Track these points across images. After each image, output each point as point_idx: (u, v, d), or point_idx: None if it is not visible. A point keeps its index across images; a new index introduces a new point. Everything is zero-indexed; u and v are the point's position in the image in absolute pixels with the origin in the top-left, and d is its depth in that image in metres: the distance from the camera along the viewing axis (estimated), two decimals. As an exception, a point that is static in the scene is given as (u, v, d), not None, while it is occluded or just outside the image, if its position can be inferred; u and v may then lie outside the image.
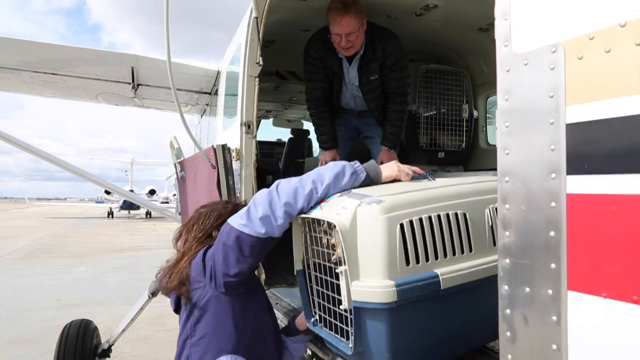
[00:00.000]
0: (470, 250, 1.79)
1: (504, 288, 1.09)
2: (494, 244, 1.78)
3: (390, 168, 2.07)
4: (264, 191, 1.94)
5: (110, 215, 43.69)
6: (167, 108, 6.95)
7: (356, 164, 2.00)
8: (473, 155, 4.82)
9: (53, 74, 5.14)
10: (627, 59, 0.87)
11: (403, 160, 4.27)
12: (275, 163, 7.53)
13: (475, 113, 4.81)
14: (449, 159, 4.66)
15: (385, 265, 1.59)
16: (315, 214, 1.82)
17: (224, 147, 3.52)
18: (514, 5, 1.07)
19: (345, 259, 1.62)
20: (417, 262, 1.65)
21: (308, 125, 8.39)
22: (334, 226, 1.65)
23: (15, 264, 14.00)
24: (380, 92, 3.74)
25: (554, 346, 0.98)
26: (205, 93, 5.87)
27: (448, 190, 1.87)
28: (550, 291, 0.99)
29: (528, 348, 1.03)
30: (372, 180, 2.00)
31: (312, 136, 8.01)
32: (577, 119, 0.94)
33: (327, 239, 1.77)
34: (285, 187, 1.90)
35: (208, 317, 1.96)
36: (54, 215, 46.90)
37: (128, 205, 43.31)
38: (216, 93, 5.34)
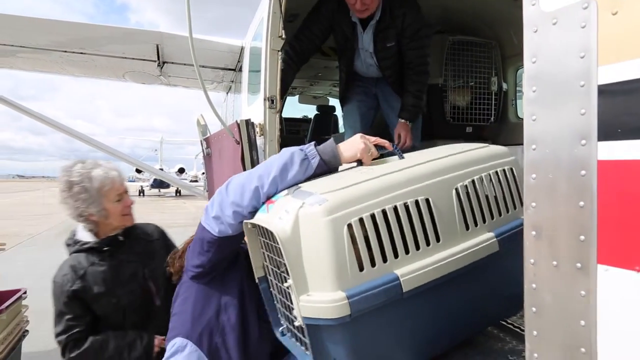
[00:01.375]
0: (438, 241, 1.52)
1: (529, 261, 1.04)
2: (467, 228, 1.58)
3: (352, 147, 1.74)
4: (222, 187, 1.78)
5: (142, 194, 44.67)
6: (193, 85, 6.98)
7: (309, 147, 1.72)
8: (502, 129, 4.68)
9: (81, 52, 5.22)
10: (667, 12, 0.80)
11: (428, 135, 4.22)
12: (301, 140, 7.51)
13: (504, 86, 4.66)
14: (476, 133, 4.55)
15: (334, 275, 1.36)
16: (257, 218, 1.60)
17: (248, 122, 3.51)
18: (542, -41, 1.00)
19: (289, 272, 1.41)
20: (373, 265, 1.40)
21: (334, 102, 8.32)
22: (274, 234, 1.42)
23: (54, 240, 14.46)
24: (396, 59, 3.59)
25: (582, 322, 0.93)
26: (230, 70, 5.85)
27: (405, 173, 1.56)
28: (579, 264, 0.93)
29: (554, 324, 0.99)
30: (328, 165, 1.71)
31: (338, 112, 7.95)
32: (610, 80, 0.88)
33: (276, 246, 1.49)
34: (234, 184, 1.72)
35: (178, 298, 1.97)
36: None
37: (158, 184, 44.17)
38: (240, 69, 5.32)
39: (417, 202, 1.50)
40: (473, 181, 1.61)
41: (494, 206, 1.66)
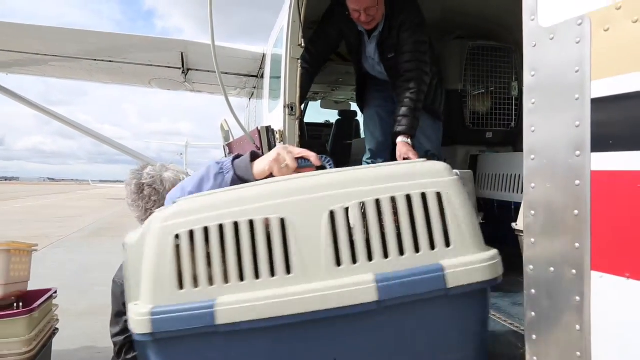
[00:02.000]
0: (288, 272, 1.15)
1: (529, 268, 1.07)
2: (338, 263, 1.15)
3: (263, 160, 1.55)
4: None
5: (168, 197, 45.34)
6: (217, 92, 7.11)
7: (226, 161, 1.60)
8: (523, 134, 4.65)
9: (110, 61, 5.41)
10: (655, 29, 0.83)
11: (449, 141, 4.22)
12: (323, 145, 7.57)
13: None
14: (497, 139, 4.53)
15: (150, 287, 1.18)
16: None
17: (268, 129, 3.59)
18: (541, -23, 1.04)
19: (125, 278, 1.28)
20: (195, 284, 1.16)
21: (355, 107, 8.36)
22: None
23: (83, 241, 14.86)
24: None
25: (577, 326, 0.96)
26: (253, 76, 5.96)
27: (277, 186, 1.25)
28: (574, 271, 0.97)
29: (552, 328, 1.02)
30: (242, 179, 1.54)
31: (360, 117, 7.98)
32: (602, 94, 0.91)
33: None
34: (168, 197, 1.62)
35: None
36: (116, 196, 49.11)
37: (184, 187, 44.72)
38: (262, 76, 5.42)
39: (268, 220, 1.19)
40: (363, 204, 1.18)
41: (392, 241, 1.16)
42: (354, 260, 1.15)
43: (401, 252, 1.13)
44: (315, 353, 1.17)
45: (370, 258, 1.15)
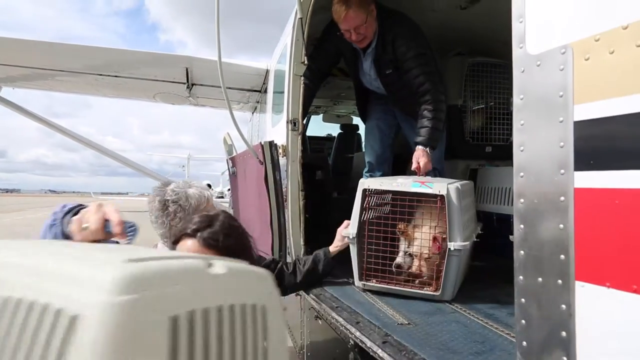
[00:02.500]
0: None
1: (519, 278, 1.14)
2: None
3: (74, 220, 1.24)
4: None
5: (170, 209, 45.35)
6: (220, 106, 7.20)
7: (61, 213, 1.33)
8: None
9: (115, 76, 5.50)
10: (628, 59, 0.91)
11: (449, 155, 4.30)
12: (325, 158, 7.64)
13: None
14: (496, 153, 4.59)
15: None
16: None
17: (271, 144, 3.67)
18: (528, 7, 1.12)
19: None
20: None
21: (357, 121, 8.45)
22: None
23: (83, 254, 14.89)
24: (402, 84, 3.45)
25: (564, 333, 1.03)
26: (256, 91, 6.05)
27: None
28: (560, 281, 1.04)
29: (540, 335, 1.09)
30: (67, 235, 1.27)
31: (361, 131, 8.07)
32: (584, 117, 0.99)
33: None
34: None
35: None
36: (118, 209, 49.16)
37: (186, 200, 44.68)
38: (265, 91, 5.51)
39: None
40: None
41: None
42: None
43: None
44: None
45: None
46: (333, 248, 3.02)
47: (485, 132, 4.61)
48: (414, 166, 3.23)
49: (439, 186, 2.55)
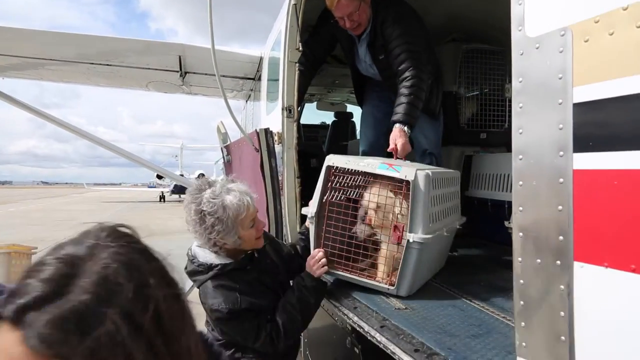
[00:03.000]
0: None
1: (518, 260, 1.15)
2: None
3: None
4: None
5: (162, 199, 45.36)
6: (213, 94, 7.16)
7: None
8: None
9: (107, 64, 5.44)
10: (629, 40, 0.91)
11: (444, 141, 4.30)
12: (319, 146, 7.63)
13: None
14: (491, 139, 4.61)
15: None
16: None
17: (267, 131, 3.66)
18: (527, -10, 1.12)
19: None
20: None
21: (351, 108, 8.44)
22: None
23: (78, 245, 14.87)
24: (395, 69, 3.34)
25: (562, 313, 1.04)
26: (249, 79, 6.02)
27: None
28: (558, 262, 1.05)
29: (539, 316, 1.10)
30: None
31: (356, 119, 8.06)
32: (583, 99, 0.99)
33: None
34: None
35: None
36: (110, 199, 49.05)
37: (179, 190, 44.74)
38: (259, 79, 5.48)
39: None
40: None
41: None
42: None
43: None
44: None
45: None
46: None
47: (480, 118, 4.62)
48: (390, 147, 3.00)
49: (407, 171, 2.33)
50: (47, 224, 21.52)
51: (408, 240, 2.29)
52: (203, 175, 51.74)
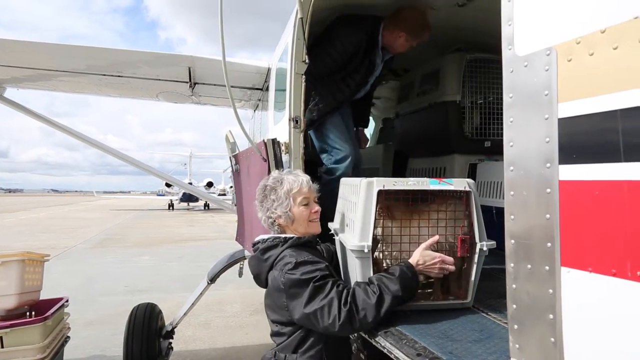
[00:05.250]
0: None
1: (510, 265, 1.22)
2: None
3: None
4: None
5: (171, 207, 45.67)
6: (222, 104, 7.26)
7: None
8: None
9: (119, 76, 5.56)
10: (607, 61, 0.98)
11: (448, 150, 4.38)
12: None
13: None
14: (495, 147, 4.64)
15: None
16: None
17: (274, 141, 3.73)
18: (516, 11, 1.19)
19: None
20: None
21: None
22: None
23: (88, 252, 15.04)
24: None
25: (551, 316, 1.10)
26: (258, 89, 6.11)
27: None
28: (547, 267, 1.11)
29: (530, 318, 1.16)
30: None
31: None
32: (568, 114, 1.06)
33: None
34: None
35: None
36: (120, 207, 49.42)
37: (187, 198, 45.06)
38: (267, 89, 5.57)
39: None
40: None
41: None
42: None
43: None
44: None
45: None
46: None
47: (485, 127, 4.66)
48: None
49: (458, 182, 2.33)
50: (58, 232, 21.74)
51: (481, 249, 2.30)
52: (212, 183, 52.03)
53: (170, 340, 5.40)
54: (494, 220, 3.99)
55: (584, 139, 1.03)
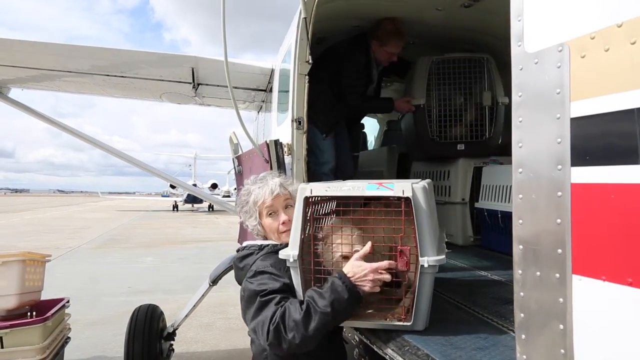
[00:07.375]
0: None
1: (518, 272, 1.16)
2: None
3: None
4: None
5: (175, 209, 45.74)
6: (226, 105, 7.23)
7: None
8: (504, 144, 4.49)
9: (122, 76, 5.54)
10: (623, 57, 0.93)
11: (419, 154, 4.46)
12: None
13: (505, 99, 4.39)
14: (471, 150, 4.42)
15: None
16: None
17: (276, 142, 3.70)
18: (526, 7, 1.14)
19: None
20: None
21: (362, 120, 8.45)
22: None
23: (92, 253, 15.05)
24: None
25: (561, 326, 1.05)
26: (261, 90, 6.08)
27: None
28: (557, 275, 1.06)
29: (539, 328, 1.11)
30: None
31: (367, 130, 8.08)
32: (580, 114, 1.01)
33: None
34: None
35: None
36: (124, 208, 49.53)
37: (192, 199, 45.17)
38: (270, 90, 5.54)
39: None
40: None
41: None
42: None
43: None
44: None
45: None
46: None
47: (457, 129, 4.38)
48: None
49: (402, 186, 2.01)
50: (63, 232, 21.78)
51: (422, 266, 1.98)
52: (216, 185, 52.13)
53: (172, 342, 5.35)
54: (499, 224, 3.93)
55: (598, 139, 0.98)
